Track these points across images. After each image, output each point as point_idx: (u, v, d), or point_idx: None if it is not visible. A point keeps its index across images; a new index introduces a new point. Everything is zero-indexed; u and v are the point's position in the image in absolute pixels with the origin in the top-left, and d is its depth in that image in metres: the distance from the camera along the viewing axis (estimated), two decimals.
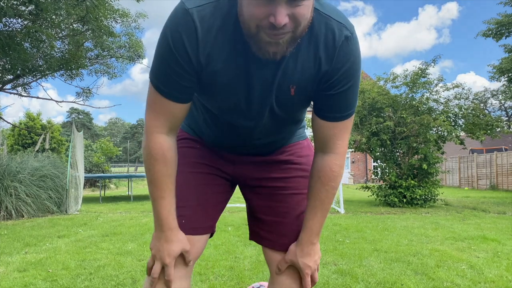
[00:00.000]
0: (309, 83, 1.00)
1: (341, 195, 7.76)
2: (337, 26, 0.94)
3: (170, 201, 1.08)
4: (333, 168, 1.08)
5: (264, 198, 1.25)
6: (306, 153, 1.30)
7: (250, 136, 1.15)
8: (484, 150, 20.12)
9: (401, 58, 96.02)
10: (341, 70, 0.96)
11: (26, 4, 6.31)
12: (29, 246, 4.10)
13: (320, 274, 2.95)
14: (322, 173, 1.09)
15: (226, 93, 1.02)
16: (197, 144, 1.27)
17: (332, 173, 1.09)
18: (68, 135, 23.04)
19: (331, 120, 1.04)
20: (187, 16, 0.91)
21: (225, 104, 1.06)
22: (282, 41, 0.85)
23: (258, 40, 0.86)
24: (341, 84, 0.98)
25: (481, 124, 9.02)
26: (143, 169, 1.40)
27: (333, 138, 1.06)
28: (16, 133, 16.24)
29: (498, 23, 11.75)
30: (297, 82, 0.99)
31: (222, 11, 0.92)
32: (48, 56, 8.01)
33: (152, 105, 1.03)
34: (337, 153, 1.09)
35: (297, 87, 1.00)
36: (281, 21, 0.80)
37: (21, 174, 6.78)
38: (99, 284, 2.75)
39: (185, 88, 1.00)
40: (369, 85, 9.52)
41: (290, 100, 1.04)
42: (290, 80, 0.99)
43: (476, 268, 3.15)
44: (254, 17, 0.82)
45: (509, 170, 15.63)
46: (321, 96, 1.02)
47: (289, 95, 1.02)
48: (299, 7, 0.81)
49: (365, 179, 26.44)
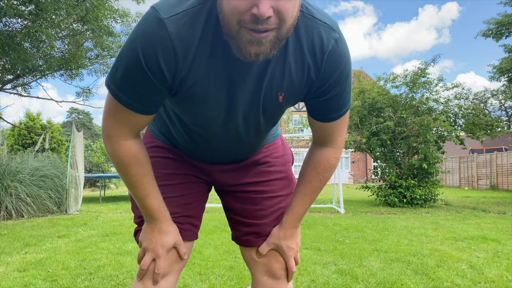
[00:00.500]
0: (299, 89, 0.96)
1: (341, 195, 7.75)
2: (324, 29, 0.90)
3: (157, 195, 1.05)
4: (330, 160, 1.10)
5: (241, 202, 1.23)
6: (282, 153, 1.29)
7: (226, 146, 1.12)
8: (484, 150, 20.13)
9: (401, 58, 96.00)
10: (334, 75, 0.94)
11: (26, 4, 6.31)
12: (29, 246, 4.10)
13: (320, 274, 2.95)
14: (319, 164, 1.10)
15: (204, 107, 0.95)
16: (170, 153, 1.21)
17: (329, 164, 1.11)
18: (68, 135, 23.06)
19: (329, 121, 1.03)
20: (161, 28, 0.81)
21: (202, 117, 1.00)
22: (265, 41, 0.77)
23: (239, 39, 0.78)
24: (335, 88, 0.96)
25: (481, 124, 9.02)
26: None
27: (332, 135, 1.07)
28: (16, 133, 16.25)
29: (498, 23, 11.75)
30: (285, 89, 0.95)
31: (200, 18, 0.84)
32: (48, 56, 8.00)
33: (112, 113, 0.94)
34: (335, 147, 1.10)
35: (286, 94, 0.96)
36: (265, 11, 0.72)
37: (21, 174, 6.78)
38: (99, 284, 2.75)
39: (154, 102, 0.92)
40: (369, 85, 9.52)
41: (278, 107, 1.01)
42: (279, 87, 0.94)
43: (476, 268, 3.15)
44: (236, 10, 0.74)
45: (509, 170, 15.63)
46: (316, 102, 1.00)
47: (277, 102, 0.98)
48: (284, 1, 0.75)
49: (365, 179, 26.44)
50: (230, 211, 1.28)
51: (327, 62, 0.91)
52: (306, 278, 2.87)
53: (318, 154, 1.10)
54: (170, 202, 1.12)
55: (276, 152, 1.27)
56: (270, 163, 1.25)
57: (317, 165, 1.10)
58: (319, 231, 5.04)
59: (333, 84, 0.95)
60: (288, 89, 0.95)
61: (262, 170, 1.24)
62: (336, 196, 8.36)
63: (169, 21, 0.81)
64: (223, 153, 1.17)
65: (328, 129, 1.05)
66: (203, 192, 1.27)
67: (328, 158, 1.10)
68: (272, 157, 1.26)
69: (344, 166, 27.36)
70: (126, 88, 0.88)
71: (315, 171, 1.11)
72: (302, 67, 0.92)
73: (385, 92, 9.44)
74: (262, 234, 1.19)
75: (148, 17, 0.83)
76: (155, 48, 0.82)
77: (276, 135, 1.30)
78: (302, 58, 0.91)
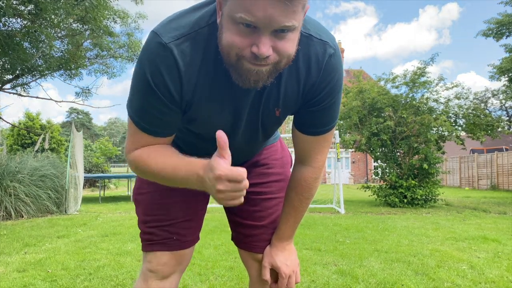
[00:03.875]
0: (295, 103, 0.99)
1: (341, 195, 7.74)
2: (320, 46, 0.91)
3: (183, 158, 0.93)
4: (308, 180, 1.11)
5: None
6: (280, 155, 1.31)
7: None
8: (485, 150, 20.11)
9: (401, 58, 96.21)
10: (326, 88, 0.96)
11: (26, 3, 6.30)
12: (29, 246, 4.09)
13: (320, 275, 2.94)
14: (297, 184, 1.12)
15: (212, 124, 0.98)
16: None
17: (307, 185, 1.11)
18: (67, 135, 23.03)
19: (313, 135, 1.04)
20: (165, 50, 0.84)
21: (209, 132, 0.97)
22: (265, 70, 0.80)
23: (239, 68, 0.80)
24: (326, 101, 0.98)
25: (482, 124, 9.00)
26: None
27: (313, 152, 1.08)
28: (16, 133, 16.23)
29: (499, 22, 11.74)
30: (282, 105, 0.98)
31: (201, 43, 0.86)
32: (48, 56, 7.99)
33: (135, 138, 0.97)
34: (314, 167, 1.10)
35: (282, 109, 1.00)
36: (265, 52, 0.74)
37: (21, 174, 6.76)
38: (99, 284, 2.74)
39: (169, 123, 0.95)
40: (369, 85, 9.51)
41: (275, 120, 1.05)
42: (275, 104, 0.98)
43: (477, 269, 3.14)
44: (235, 47, 0.77)
45: (510, 170, 15.61)
46: (304, 112, 1.01)
47: (274, 116, 1.01)
48: (284, 41, 0.77)
49: (365, 179, 26.44)
50: (230, 212, 1.30)
51: (322, 76, 0.94)
52: (306, 278, 2.86)
53: (297, 173, 1.12)
54: (171, 207, 1.16)
55: (275, 154, 1.29)
56: (269, 165, 1.27)
57: (296, 184, 1.12)
58: (319, 231, 5.03)
59: (325, 96, 0.97)
60: (284, 105, 0.98)
61: (261, 171, 1.26)
62: (337, 196, 8.34)
63: (171, 45, 0.83)
64: None
65: (310, 144, 1.06)
66: (202, 194, 1.24)
67: (306, 178, 1.10)
68: (271, 159, 1.27)
69: (345, 166, 27.36)
70: (142, 114, 0.92)
71: (294, 191, 1.13)
72: (298, 83, 0.94)
73: (385, 92, 9.43)
74: (260, 238, 1.22)
75: (150, 42, 0.85)
76: (160, 68, 0.84)
77: (275, 137, 1.32)
78: (297, 74, 0.93)
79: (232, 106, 0.96)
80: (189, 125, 1.03)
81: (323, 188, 16.60)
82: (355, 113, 9.12)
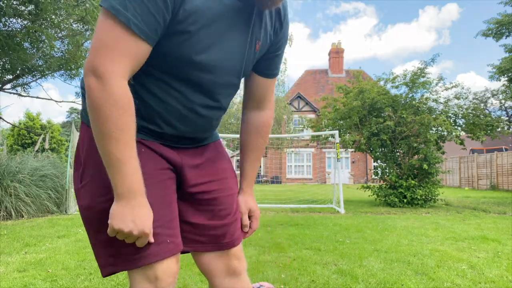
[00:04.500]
0: (268, 40, 1.11)
1: (341, 195, 7.75)
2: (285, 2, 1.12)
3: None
4: (269, 121, 1.26)
5: (205, 203, 1.14)
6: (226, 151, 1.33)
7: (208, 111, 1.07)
8: (485, 150, 20.13)
9: (401, 59, 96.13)
10: (286, 34, 1.16)
11: (26, 4, 6.31)
12: (29, 246, 4.10)
13: (320, 274, 2.95)
14: (262, 127, 1.24)
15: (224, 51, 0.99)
16: (142, 146, 1.02)
17: (268, 125, 1.26)
18: (67, 135, 23.05)
19: (271, 77, 1.20)
20: None
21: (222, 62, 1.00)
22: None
23: None
24: (282, 47, 1.18)
25: (482, 124, 9.01)
26: None
27: (269, 94, 1.23)
28: (16, 133, 16.25)
29: (498, 22, 11.73)
30: (261, 38, 1.08)
31: None
32: (48, 56, 8.00)
33: (113, 45, 0.82)
34: (270, 108, 1.26)
35: (261, 43, 1.09)
36: None
37: (21, 174, 6.77)
38: (99, 284, 2.74)
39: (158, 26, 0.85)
40: (369, 85, 9.51)
41: (253, 59, 1.11)
42: (257, 35, 1.06)
43: (477, 268, 3.15)
44: None
45: (510, 170, 15.62)
46: (269, 57, 1.16)
47: (254, 50, 1.08)
48: None
49: (365, 179, 26.45)
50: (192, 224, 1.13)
51: (285, 22, 1.13)
52: (306, 278, 2.87)
53: (258, 118, 1.24)
54: (160, 205, 1.02)
55: (224, 150, 1.29)
56: (224, 161, 1.22)
57: (260, 129, 1.24)
58: (319, 231, 5.03)
59: (284, 42, 1.17)
60: (262, 38, 1.08)
61: (220, 167, 1.19)
62: (336, 196, 8.35)
63: None
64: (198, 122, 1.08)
65: (268, 88, 1.21)
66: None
67: (268, 121, 1.25)
68: (224, 154, 1.25)
69: (344, 166, 27.36)
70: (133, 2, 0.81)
71: (259, 136, 1.25)
72: (271, 19, 1.09)
73: (385, 92, 9.44)
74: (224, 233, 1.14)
75: None
76: None
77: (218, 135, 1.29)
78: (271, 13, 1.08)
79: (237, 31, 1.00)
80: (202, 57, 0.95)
81: (323, 188, 16.58)
82: (355, 113, 9.13)
